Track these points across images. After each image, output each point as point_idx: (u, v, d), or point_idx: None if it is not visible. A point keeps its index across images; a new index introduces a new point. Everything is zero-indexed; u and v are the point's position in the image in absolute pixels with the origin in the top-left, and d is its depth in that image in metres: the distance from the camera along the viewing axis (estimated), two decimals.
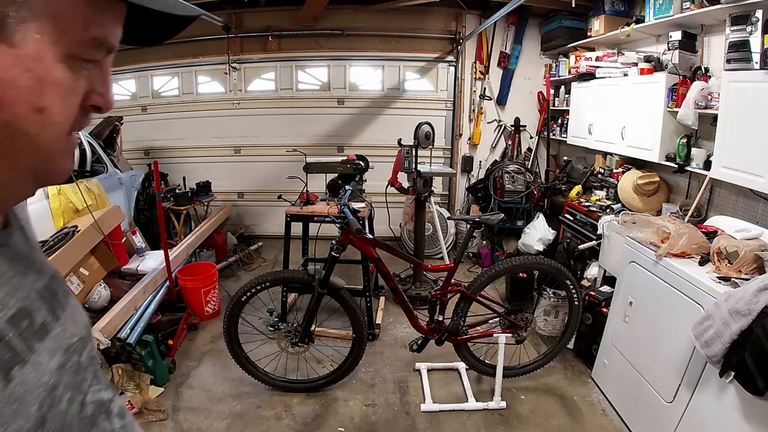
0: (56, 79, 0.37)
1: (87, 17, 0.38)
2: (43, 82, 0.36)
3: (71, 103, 0.40)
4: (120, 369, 2.42)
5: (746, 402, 1.62)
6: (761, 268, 1.92)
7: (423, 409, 2.51)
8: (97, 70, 0.41)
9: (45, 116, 0.37)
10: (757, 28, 2.16)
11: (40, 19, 0.35)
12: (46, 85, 0.37)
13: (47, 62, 0.36)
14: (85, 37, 0.38)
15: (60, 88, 0.38)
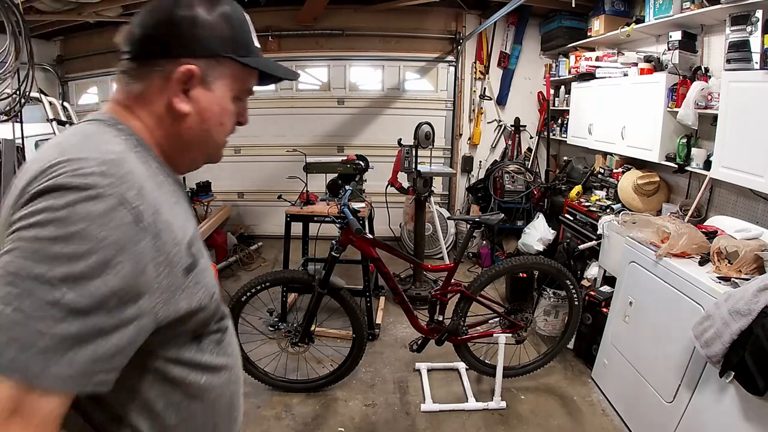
0: (229, 109, 0.74)
1: (243, 77, 0.74)
2: (224, 110, 0.73)
3: (233, 121, 0.77)
4: None
5: (746, 402, 1.62)
6: (761, 268, 1.92)
7: (423, 409, 2.51)
8: (243, 103, 0.78)
9: (223, 128, 0.75)
10: (757, 28, 2.16)
11: (224, 78, 0.71)
12: (225, 111, 0.73)
13: (226, 100, 0.73)
14: (242, 87, 0.75)
15: (230, 113, 0.75)
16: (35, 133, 3.33)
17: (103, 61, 5.32)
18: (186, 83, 0.67)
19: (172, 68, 0.66)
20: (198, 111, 0.69)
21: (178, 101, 0.67)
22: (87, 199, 0.52)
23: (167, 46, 0.66)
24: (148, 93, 0.68)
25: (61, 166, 0.54)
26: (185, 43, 0.66)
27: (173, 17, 0.65)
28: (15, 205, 0.55)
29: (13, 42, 1.91)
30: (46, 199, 0.52)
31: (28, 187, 0.54)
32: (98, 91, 5.59)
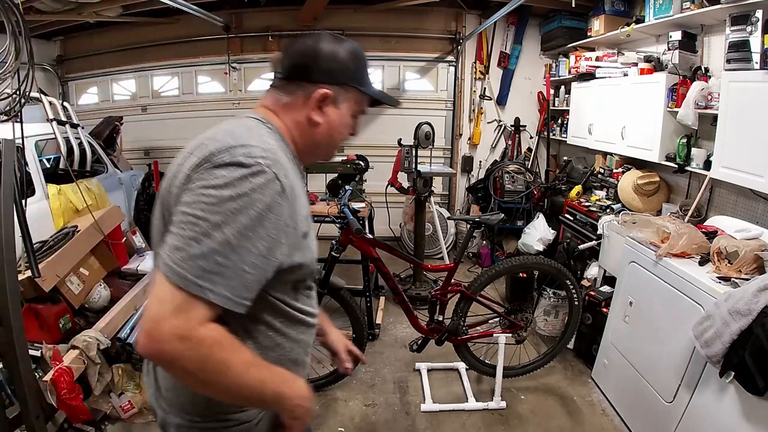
0: (348, 123, 0.98)
1: (360, 101, 0.98)
2: (344, 124, 0.97)
3: (349, 132, 1.01)
4: (120, 369, 2.42)
5: (746, 402, 1.62)
6: (761, 268, 1.92)
7: (423, 409, 2.51)
8: (357, 120, 1.01)
9: (341, 136, 0.99)
10: (757, 28, 2.16)
11: (348, 101, 0.95)
12: (344, 125, 0.98)
13: (347, 117, 0.97)
14: (358, 108, 0.99)
15: (348, 126, 0.99)
16: (35, 133, 3.33)
17: (103, 61, 5.33)
18: (321, 102, 0.93)
19: (313, 90, 0.92)
20: (327, 122, 0.95)
21: (314, 114, 0.93)
22: (254, 174, 0.74)
23: (311, 73, 0.92)
24: (292, 105, 0.94)
25: (237, 149, 0.76)
26: (324, 73, 0.92)
27: (317, 53, 0.92)
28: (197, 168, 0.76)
29: (13, 42, 1.90)
30: (228, 170, 0.73)
31: (212, 158, 0.75)
32: (98, 91, 5.59)
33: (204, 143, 0.80)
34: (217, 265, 0.70)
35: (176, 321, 0.69)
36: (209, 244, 0.70)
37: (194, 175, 0.75)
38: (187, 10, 3.75)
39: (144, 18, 4.77)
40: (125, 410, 2.37)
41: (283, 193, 0.77)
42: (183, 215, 0.72)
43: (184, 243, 0.70)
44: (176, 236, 0.72)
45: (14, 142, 1.86)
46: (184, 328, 0.69)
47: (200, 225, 0.70)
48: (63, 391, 2.02)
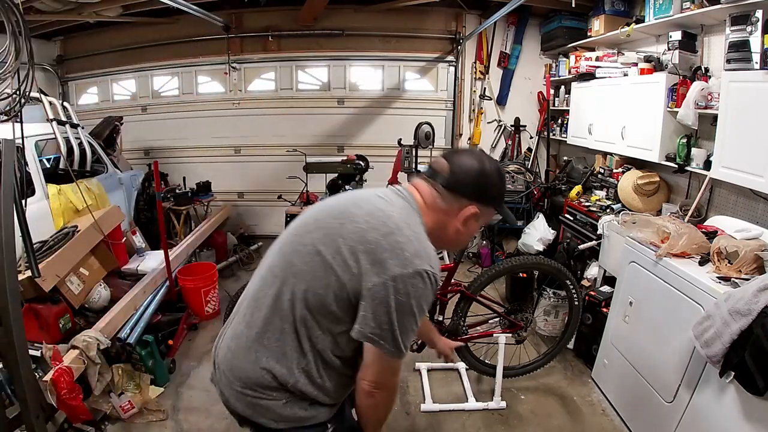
0: (476, 230, 1.23)
1: (491, 215, 1.22)
2: (474, 231, 1.23)
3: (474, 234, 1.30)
4: (120, 369, 2.42)
5: (746, 402, 1.62)
6: (761, 268, 1.92)
7: (423, 409, 2.51)
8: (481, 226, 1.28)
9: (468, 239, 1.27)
10: (757, 28, 2.16)
11: (485, 217, 1.19)
12: (474, 232, 1.23)
13: (477, 227, 1.22)
14: (487, 221, 1.24)
15: (475, 231, 1.25)
16: (35, 133, 3.33)
17: (103, 61, 5.33)
18: (468, 216, 1.15)
19: (466, 206, 1.14)
20: (465, 230, 1.18)
21: (460, 226, 1.17)
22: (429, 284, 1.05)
23: (470, 194, 1.14)
24: (446, 211, 1.15)
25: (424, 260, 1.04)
26: (480, 195, 1.15)
27: (480, 177, 1.13)
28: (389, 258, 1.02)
29: (13, 42, 1.90)
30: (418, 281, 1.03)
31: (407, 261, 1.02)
32: (98, 91, 5.59)
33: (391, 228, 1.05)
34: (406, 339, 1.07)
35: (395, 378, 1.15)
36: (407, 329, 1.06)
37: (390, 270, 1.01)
38: (187, 10, 3.75)
39: (144, 18, 4.77)
40: (125, 410, 2.37)
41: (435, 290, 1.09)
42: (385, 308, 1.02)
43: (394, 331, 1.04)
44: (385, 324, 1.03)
45: (14, 142, 1.86)
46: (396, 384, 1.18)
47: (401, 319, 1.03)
48: (63, 391, 2.02)
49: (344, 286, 1.04)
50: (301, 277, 1.07)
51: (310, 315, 1.07)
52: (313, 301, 1.06)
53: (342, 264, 1.03)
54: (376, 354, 1.06)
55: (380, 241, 1.02)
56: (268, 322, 1.11)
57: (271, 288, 1.12)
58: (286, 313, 1.09)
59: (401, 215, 1.09)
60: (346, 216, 1.08)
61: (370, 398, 1.11)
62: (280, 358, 1.10)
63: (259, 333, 1.12)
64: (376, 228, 1.04)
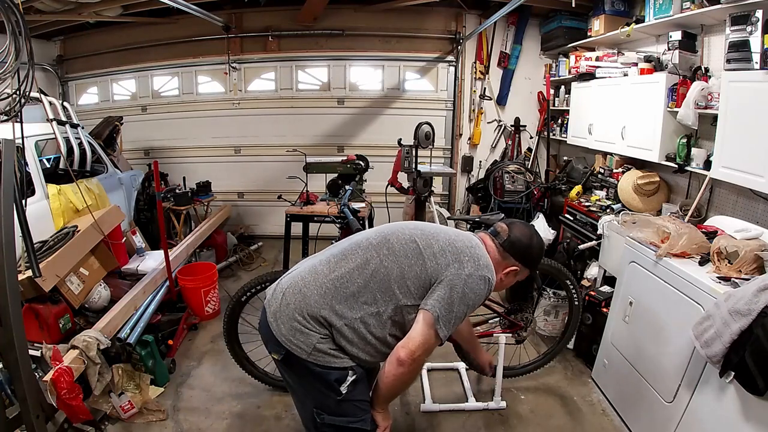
0: (512, 282, 1.69)
1: (524, 273, 1.67)
2: (510, 282, 1.68)
3: (510, 285, 1.72)
4: (120, 369, 2.42)
5: (746, 402, 1.62)
6: (761, 268, 1.92)
7: (423, 409, 2.51)
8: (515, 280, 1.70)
9: (503, 287, 1.75)
10: (757, 28, 2.16)
11: (520, 274, 1.65)
12: (509, 284, 1.70)
13: (513, 280, 1.67)
14: (521, 278, 1.68)
15: (511, 283, 1.70)
16: (35, 133, 3.33)
17: (103, 61, 5.34)
18: (510, 271, 1.58)
19: (512, 263, 1.58)
20: (506, 280, 1.61)
21: (503, 276, 1.58)
22: (486, 289, 1.47)
23: (516, 254, 1.58)
24: (497, 261, 1.56)
25: (489, 271, 1.48)
26: (522, 257, 1.58)
27: (528, 248, 1.59)
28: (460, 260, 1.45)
29: (13, 42, 1.90)
30: (482, 282, 1.45)
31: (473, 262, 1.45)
32: (98, 91, 5.59)
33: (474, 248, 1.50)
34: (454, 327, 1.44)
35: (425, 354, 1.42)
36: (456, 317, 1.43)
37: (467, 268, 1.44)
38: (187, 10, 3.74)
39: (144, 18, 4.77)
40: (125, 410, 2.37)
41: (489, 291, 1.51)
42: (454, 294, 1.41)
43: (449, 313, 1.40)
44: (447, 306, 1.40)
45: (14, 142, 1.86)
46: (423, 362, 1.46)
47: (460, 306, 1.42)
48: (63, 391, 2.02)
49: (427, 270, 1.42)
50: (393, 253, 1.44)
51: (387, 283, 1.41)
52: (395, 273, 1.41)
53: (431, 255, 1.43)
54: (429, 327, 1.37)
55: (464, 248, 1.46)
56: (349, 275, 1.43)
57: (364, 251, 1.46)
58: (368, 274, 1.42)
59: (478, 244, 1.54)
60: (439, 229, 1.54)
61: (400, 367, 1.37)
62: (342, 306, 1.40)
63: (338, 278, 1.43)
64: (463, 241, 1.49)
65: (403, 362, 1.36)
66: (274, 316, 1.44)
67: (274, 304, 1.46)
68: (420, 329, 1.37)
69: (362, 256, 1.45)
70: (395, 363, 1.37)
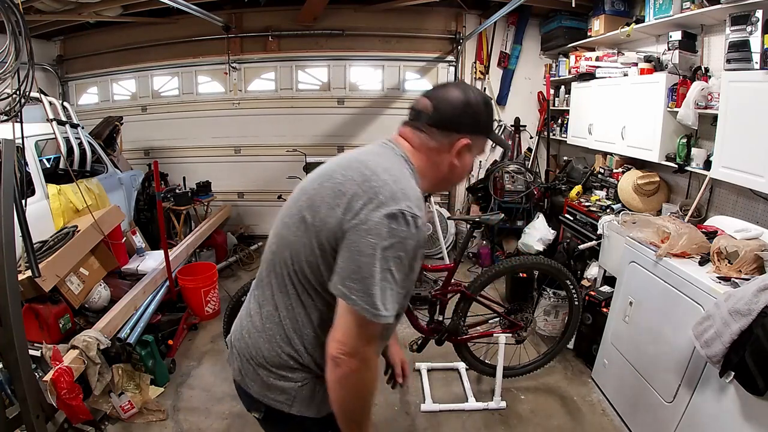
0: (472, 163, 1.17)
1: (484, 145, 1.17)
2: (470, 164, 1.17)
3: (471, 167, 1.19)
4: (120, 369, 2.42)
5: (746, 402, 1.62)
6: (761, 268, 1.92)
7: (423, 409, 2.51)
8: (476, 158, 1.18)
9: (465, 173, 1.19)
10: (757, 28, 2.16)
11: (477, 147, 1.14)
12: (470, 165, 1.17)
13: (473, 158, 1.16)
14: (481, 151, 1.16)
15: (471, 164, 1.17)
16: (35, 133, 3.33)
17: (103, 61, 5.33)
18: (461, 150, 1.11)
19: (457, 140, 1.10)
20: (461, 165, 1.14)
21: (454, 160, 1.12)
22: (406, 227, 0.94)
23: (458, 126, 1.09)
24: (437, 150, 1.11)
25: (401, 201, 0.95)
26: (469, 126, 1.10)
27: (466, 109, 1.09)
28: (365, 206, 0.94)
29: (13, 42, 1.91)
30: (396, 222, 0.93)
31: (381, 204, 0.94)
32: (98, 91, 5.59)
33: (367, 175, 0.98)
34: (393, 299, 0.96)
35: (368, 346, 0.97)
36: (388, 286, 0.94)
37: (362, 214, 0.94)
38: (187, 10, 3.74)
39: (144, 18, 4.76)
40: (125, 410, 2.37)
41: (422, 236, 1.01)
42: (358, 256, 0.93)
43: (370, 288, 0.92)
44: (360, 280, 0.92)
45: (14, 142, 1.87)
46: (371, 354, 0.99)
47: (378, 273, 0.92)
48: (63, 391, 2.02)
49: (323, 244, 0.98)
50: (293, 249, 1.03)
51: (310, 285, 1.04)
52: (308, 270, 1.02)
53: (321, 222, 0.98)
54: (345, 309, 0.94)
55: (356, 190, 0.96)
56: (275, 300, 1.09)
57: (270, 266, 1.11)
58: (289, 288, 1.07)
59: (379, 161, 1.03)
60: (325, 176, 1.04)
61: (337, 369, 0.96)
62: (291, 335, 1.07)
63: (270, 311, 1.10)
64: (353, 179, 0.98)
65: (336, 360, 0.95)
66: (240, 373, 1.15)
67: (234, 363, 1.18)
68: (339, 314, 0.97)
69: (273, 273, 1.10)
70: (330, 365, 0.97)
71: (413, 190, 1.00)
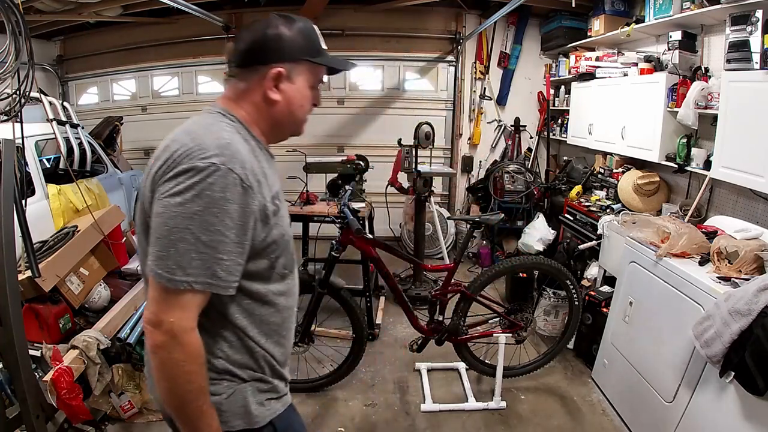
0: (307, 95, 1.04)
1: (315, 72, 1.02)
2: (303, 96, 1.02)
3: (310, 104, 1.06)
4: (120, 369, 2.42)
5: (746, 402, 1.62)
6: (761, 268, 1.92)
7: (423, 409, 2.51)
8: (317, 90, 1.06)
9: (302, 109, 1.05)
10: (757, 28, 2.16)
11: (303, 74, 1.00)
12: (304, 97, 1.03)
13: (305, 89, 1.02)
14: (315, 79, 1.03)
15: (308, 98, 1.04)
16: (35, 133, 3.33)
17: (103, 61, 5.33)
18: (276, 80, 0.97)
19: (267, 71, 0.96)
20: (285, 99, 1.00)
21: (271, 93, 0.98)
22: (210, 174, 0.82)
23: (263, 56, 0.96)
24: (249, 89, 0.98)
25: (195, 152, 0.83)
26: (275, 52, 0.97)
27: (266, 36, 0.97)
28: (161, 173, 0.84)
29: (13, 42, 1.91)
30: (186, 176, 0.81)
31: (173, 165, 0.83)
32: (98, 91, 5.59)
33: (168, 145, 0.88)
34: (198, 261, 0.82)
35: (172, 317, 0.82)
36: (185, 246, 0.81)
37: (159, 181, 0.85)
38: (187, 10, 3.74)
39: (144, 18, 4.77)
40: (125, 410, 2.37)
41: (241, 182, 0.85)
42: (157, 225, 0.82)
43: (164, 251, 0.81)
44: (156, 245, 0.82)
45: (14, 142, 1.87)
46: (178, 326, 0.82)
47: (173, 232, 0.81)
48: (63, 391, 2.02)
49: None
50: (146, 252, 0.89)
51: None
52: None
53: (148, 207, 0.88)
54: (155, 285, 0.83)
55: (160, 164, 0.86)
56: None
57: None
58: None
59: (187, 127, 0.91)
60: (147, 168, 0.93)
61: (147, 340, 0.85)
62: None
63: None
64: (158, 156, 0.88)
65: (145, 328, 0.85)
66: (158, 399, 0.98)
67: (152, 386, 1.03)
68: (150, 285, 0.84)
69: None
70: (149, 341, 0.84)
71: (217, 140, 0.86)
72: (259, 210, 0.89)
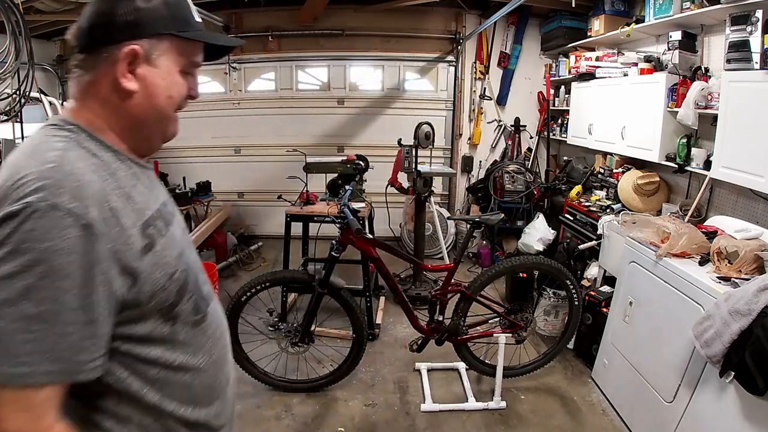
0: (177, 82, 0.78)
1: (187, 51, 0.79)
2: (171, 83, 0.77)
3: (182, 94, 0.80)
4: None
5: (746, 402, 1.62)
6: (761, 268, 1.92)
7: (423, 409, 2.51)
8: (192, 77, 0.83)
9: (171, 101, 0.78)
10: (757, 28, 2.16)
11: (168, 54, 0.75)
12: (172, 85, 0.77)
13: (172, 74, 0.77)
14: (188, 61, 0.80)
15: (178, 86, 0.78)
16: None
17: None
18: (131, 63, 0.71)
19: (117, 52, 0.70)
20: (145, 87, 0.73)
21: (124, 80, 0.71)
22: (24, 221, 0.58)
23: (110, 33, 0.70)
24: (96, 81, 0.72)
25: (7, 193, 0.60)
26: (126, 28, 0.70)
27: (114, 6, 0.70)
28: None
29: (13, 42, 1.91)
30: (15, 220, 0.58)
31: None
32: None
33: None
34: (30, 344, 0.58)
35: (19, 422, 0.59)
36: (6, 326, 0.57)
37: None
38: None
39: None
40: None
41: (75, 220, 0.60)
42: None
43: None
44: None
45: (14, 142, 1.87)
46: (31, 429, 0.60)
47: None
48: None
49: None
50: None
51: None
52: None
53: None
54: None
55: None
56: None
57: None
58: None
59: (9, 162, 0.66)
60: None
61: None
62: None
63: None
64: None
65: None
66: None
67: None
68: None
69: None
70: None
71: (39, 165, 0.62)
72: (114, 252, 0.64)
